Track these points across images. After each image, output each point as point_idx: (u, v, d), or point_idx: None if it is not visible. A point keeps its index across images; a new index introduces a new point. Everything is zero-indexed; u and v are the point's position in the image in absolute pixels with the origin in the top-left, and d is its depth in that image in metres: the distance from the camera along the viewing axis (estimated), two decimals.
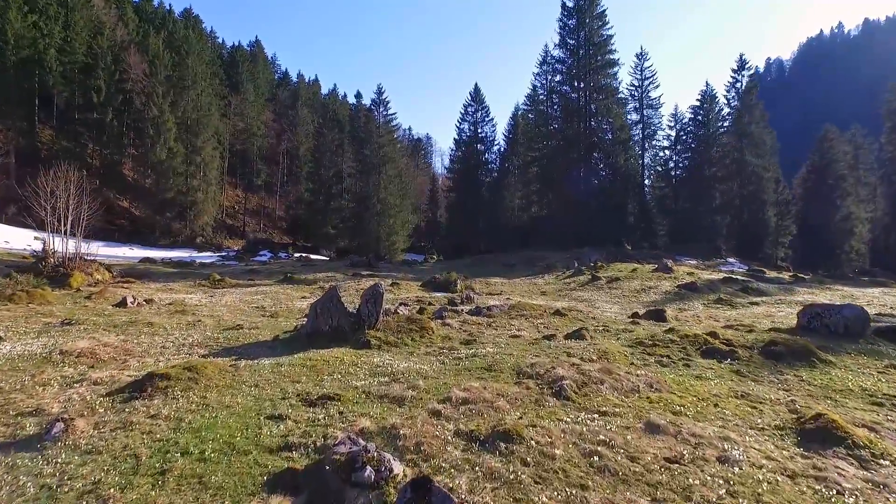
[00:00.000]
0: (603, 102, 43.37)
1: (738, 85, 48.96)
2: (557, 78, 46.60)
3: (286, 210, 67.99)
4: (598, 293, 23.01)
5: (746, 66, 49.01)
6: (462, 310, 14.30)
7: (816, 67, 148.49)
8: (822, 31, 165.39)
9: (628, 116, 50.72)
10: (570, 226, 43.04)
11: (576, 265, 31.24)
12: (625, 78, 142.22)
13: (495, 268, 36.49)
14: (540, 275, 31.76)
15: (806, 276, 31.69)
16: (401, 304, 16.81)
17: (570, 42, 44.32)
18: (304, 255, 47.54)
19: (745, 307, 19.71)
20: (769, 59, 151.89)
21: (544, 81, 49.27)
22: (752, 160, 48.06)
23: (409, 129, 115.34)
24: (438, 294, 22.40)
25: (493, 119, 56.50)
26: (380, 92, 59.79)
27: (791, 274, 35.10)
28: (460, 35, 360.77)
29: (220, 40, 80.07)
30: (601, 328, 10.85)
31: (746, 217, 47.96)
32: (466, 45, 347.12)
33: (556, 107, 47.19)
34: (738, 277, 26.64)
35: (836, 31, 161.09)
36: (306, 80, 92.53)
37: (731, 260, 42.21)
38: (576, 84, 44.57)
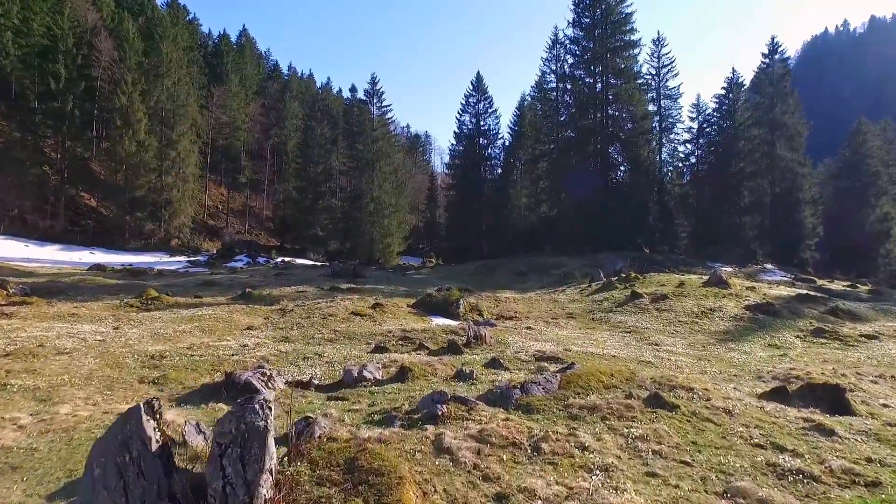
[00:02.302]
0: (623, 88, 37.34)
1: (770, 70, 42.91)
2: (570, 61, 40.57)
3: (274, 210, 61.91)
4: (645, 318, 17.01)
5: (779, 50, 42.98)
6: (473, 374, 8.36)
7: (821, 66, 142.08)
8: (826, 28, 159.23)
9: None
10: (585, 228, 37.07)
11: (601, 276, 25.27)
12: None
13: (504, 277, 30.49)
14: (558, 287, 25.79)
15: (880, 289, 25.70)
16: (375, 351, 10.82)
17: (585, 20, 38.25)
18: (286, 259, 41.51)
19: (863, 344, 13.72)
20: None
21: (554, 67, 43.20)
22: (786, 154, 42.09)
23: (408, 126, 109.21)
24: (435, 321, 16.42)
25: (496, 111, 50.69)
26: (374, 82, 53.87)
27: (847, 283, 29.19)
28: (461, 27, 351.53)
29: (206, 31, 73.90)
30: (781, 452, 4.90)
31: (779, 217, 41.94)
32: (467, 37, 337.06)
33: (568, 95, 41.11)
34: (813, 293, 20.64)
35: (842, 29, 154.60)
36: (299, 75, 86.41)
37: (768, 266, 36.23)
38: (591, 68, 38.52)
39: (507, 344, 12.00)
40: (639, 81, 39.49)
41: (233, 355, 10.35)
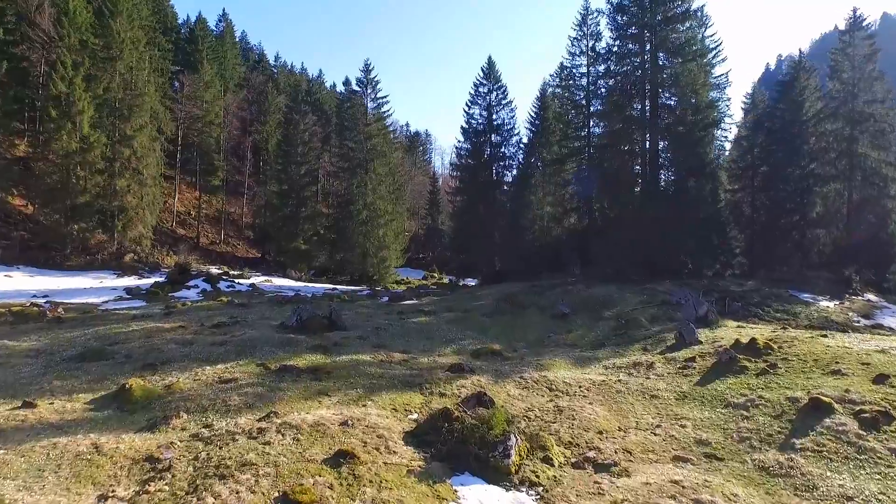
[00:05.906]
0: (682, 68, 28.34)
1: (851, 51, 33.91)
2: (607, 37, 31.82)
3: (254, 217, 52.74)
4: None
5: (862, 24, 33.96)
6: None
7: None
8: (836, 26, 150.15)
9: None
10: (632, 246, 28.07)
11: (694, 333, 16.17)
12: None
13: (538, 321, 21.43)
14: (626, 346, 16.74)
15: None
16: None
17: None
18: (255, 284, 32.35)
19: None
20: (780, 55, 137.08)
21: (585, 46, 34.18)
22: (871, 153, 33.21)
23: (407, 124, 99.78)
24: (464, 499, 7.49)
25: (511, 102, 41.44)
26: (367, 70, 44.71)
27: None
28: (463, 17, 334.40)
29: (184, 18, 64.45)
30: None
31: (864, 231, 33.04)
32: (469, 27, 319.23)
33: (607, 78, 32.06)
34: None
35: None
36: (289, 67, 76.99)
37: (872, 298, 27.31)
38: (639, 44, 29.49)
39: None
40: (698, 61, 30.31)
41: None
